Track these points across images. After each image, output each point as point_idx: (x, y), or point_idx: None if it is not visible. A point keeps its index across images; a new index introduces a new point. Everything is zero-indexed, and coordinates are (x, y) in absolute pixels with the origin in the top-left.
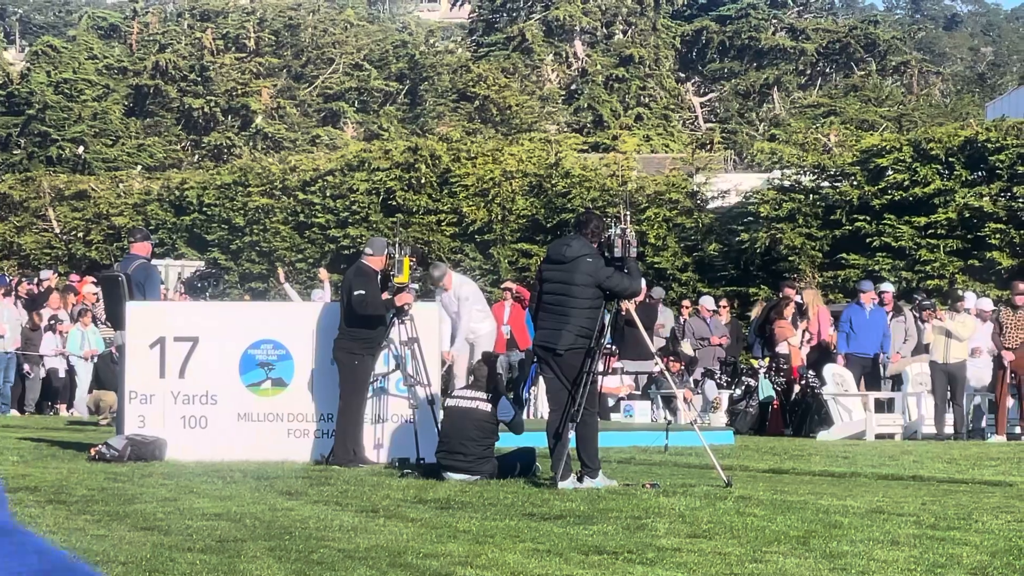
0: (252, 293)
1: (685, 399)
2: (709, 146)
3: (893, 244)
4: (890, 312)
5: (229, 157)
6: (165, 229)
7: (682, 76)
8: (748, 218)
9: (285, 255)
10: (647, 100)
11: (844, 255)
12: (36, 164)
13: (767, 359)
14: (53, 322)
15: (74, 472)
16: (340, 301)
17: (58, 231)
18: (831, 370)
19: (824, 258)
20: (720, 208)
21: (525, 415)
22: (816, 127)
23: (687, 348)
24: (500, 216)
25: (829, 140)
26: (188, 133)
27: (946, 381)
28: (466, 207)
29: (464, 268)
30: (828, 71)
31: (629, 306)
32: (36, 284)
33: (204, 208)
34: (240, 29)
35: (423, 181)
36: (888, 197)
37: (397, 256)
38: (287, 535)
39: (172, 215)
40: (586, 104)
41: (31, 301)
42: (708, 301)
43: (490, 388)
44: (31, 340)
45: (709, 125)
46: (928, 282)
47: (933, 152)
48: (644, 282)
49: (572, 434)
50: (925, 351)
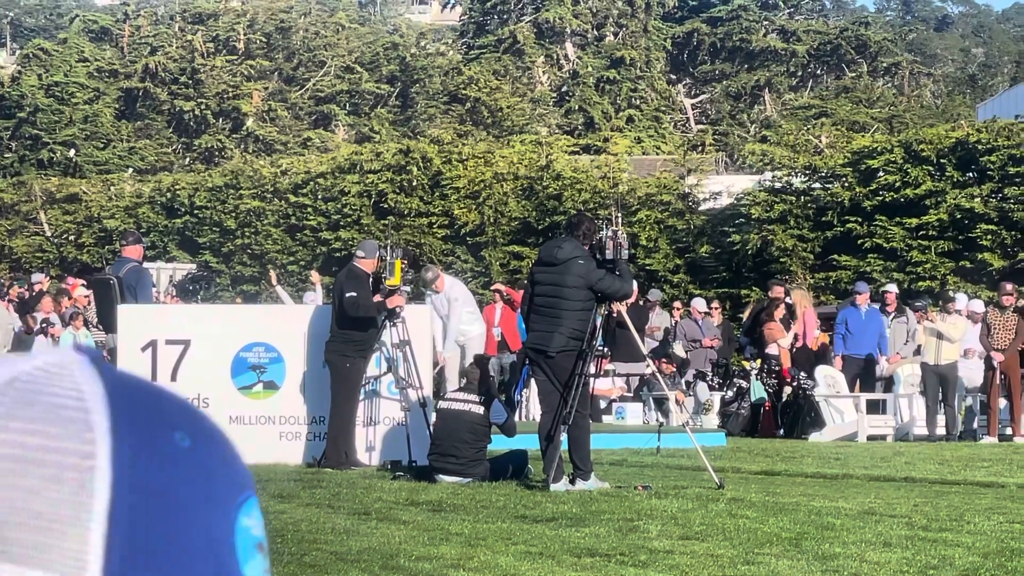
0: (244, 296)
1: (677, 401)
2: (700, 148)
3: (884, 245)
4: (892, 312)
5: (220, 160)
6: (156, 232)
7: (673, 78)
8: (739, 220)
9: (277, 258)
10: (638, 102)
11: (835, 256)
12: (27, 167)
13: (759, 361)
14: (45, 325)
15: None
16: (331, 304)
17: (49, 234)
18: (823, 371)
19: (815, 259)
20: (711, 210)
21: (517, 417)
22: (807, 129)
23: (679, 350)
24: (492, 218)
25: (820, 142)
26: (179, 136)
27: (937, 382)
28: (457, 209)
29: (456, 270)
30: (819, 73)
31: (621, 308)
32: (27, 288)
33: (195, 211)
34: (231, 32)
35: (415, 183)
36: (879, 198)
37: (388, 259)
38: (279, 538)
39: (163, 218)
40: (577, 106)
41: (22, 305)
42: (700, 303)
43: (482, 391)
44: (24, 344)
45: (700, 127)
46: (919, 283)
47: (924, 153)
48: (636, 284)
49: (564, 436)
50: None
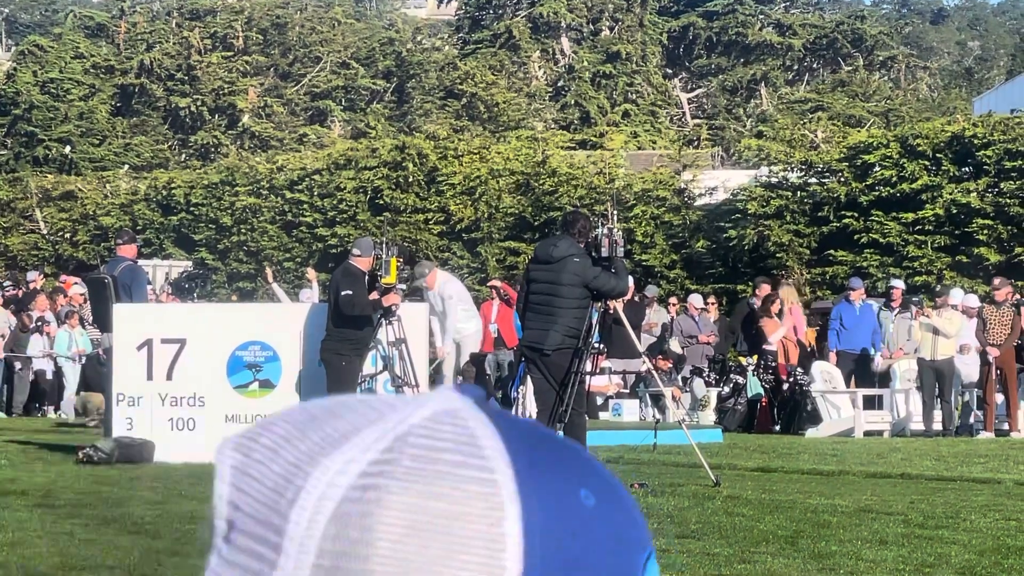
0: (240, 293)
1: (673, 397)
2: (696, 143)
3: (881, 240)
4: (897, 308)
5: (216, 156)
6: (152, 229)
7: (669, 72)
8: (736, 215)
9: (273, 254)
10: (634, 96)
11: (832, 252)
12: (23, 164)
13: (755, 356)
14: (40, 324)
15: (62, 475)
16: (327, 302)
17: (45, 232)
18: (819, 367)
19: (812, 255)
20: (708, 205)
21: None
22: (803, 123)
23: (675, 346)
24: (487, 214)
25: (816, 137)
26: (175, 132)
27: (934, 378)
28: (453, 205)
29: (452, 266)
30: (815, 67)
31: (617, 304)
32: (20, 287)
33: (191, 208)
34: (228, 28)
35: (410, 180)
36: (875, 193)
37: (384, 257)
38: None
39: (159, 215)
40: (573, 101)
41: (17, 303)
42: (697, 299)
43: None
44: (19, 341)
45: (696, 121)
46: (916, 278)
47: (920, 148)
48: (632, 281)
49: (560, 435)
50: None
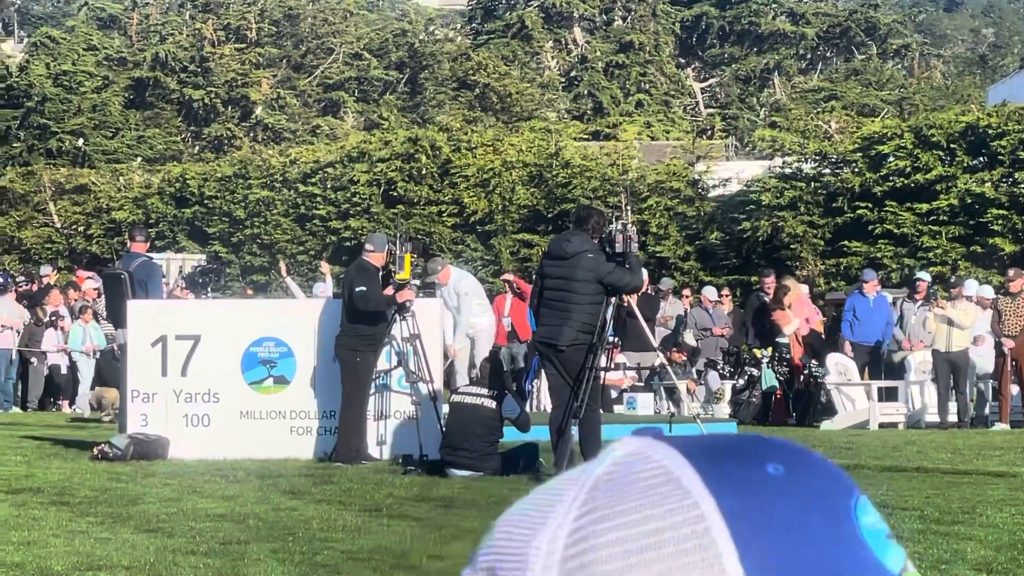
0: (253, 286)
1: (688, 390)
2: (710, 133)
3: (895, 231)
4: (920, 301)
5: (229, 148)
6: (166, 222)
7: (682, 62)
8: (750, 206)
9: (286, 247)
10: (647, 86)
11: (846, 243)
12: (36, 157)
13: (770, 349)
14: (54, 318)
15: (77, 472)
16: (341, 298)
17: (59, 225)
18: (834, 359)
19: (826, 246)
20: (721, 196)
21: (528, 407)
22: (817, 112)
23: (689, 339)
24: (501, 206)
25: (830, 127)
26: (188, 124)
27: (949, 369)
28: (467, 197)
29: (466, 259)
30: (829, 55)
31: (630, 298)
32: (34, 282)
33: (205, 201)
34: (240, 20)
35: (424, 172)
36: (889, 184)
37: (398, 252)
38: (291, 536)
39: (173, 208)
40: (586, 91)
41: (31, 297)
42: (711, 291)
43: (496, 385)
44: (34, 336)
45: (710, 111)
46: (930, 269)
47: (934, 138)
48: (646, 274)
49: (575, 430)
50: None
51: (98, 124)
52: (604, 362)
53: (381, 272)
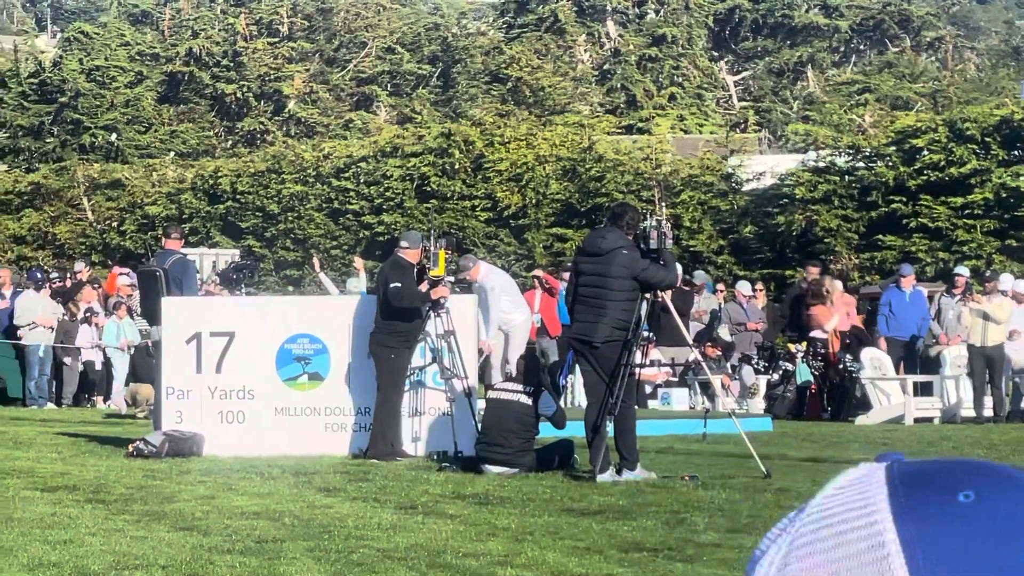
0: (288, 280)
1: (723, 385)
2: (743, 126)
3: (929, 225)
4: (958, 296)
5: (262, 143)
6: (199, 217)
7: (715, 55)
8: (783, 200)
9: (320, 242)
10: (680, 79)
11: (880, 236)
12: (69, 152)
13: (804, 343)
14: (88, 314)
15: (112, 469)
16: (376, 294)
17: (92, 221)
18: (869, 354)
19: (860, 240)
20: (755, 190)
21: (561, 403)
22: (850, 105)
23: (724, 333)
24: (534, 201)
25: (864, 121)
26: (221, 119)
27: (984, 364)
28: (500, 192)
29: (499, 253)
30: (862, 48)
31: (664, 292)
32: (67, 279)
33: (238, 196)
34: (273, 14)
35: (457, 167)
36: (924, 178)
37: (432, 249)
38: (326, 534)
39: (206, 203)
40: (619, 84)
41: (64, 294)
42: (745, 286)
43: (532, 382)
44: (68, 332)
45: (743, 104)
46: (965, 263)
47: (969, 132)
48: (680, 269)
49: (610, 426)
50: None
51: (131, 119)
52: (639, 358)
53: (416, 268)
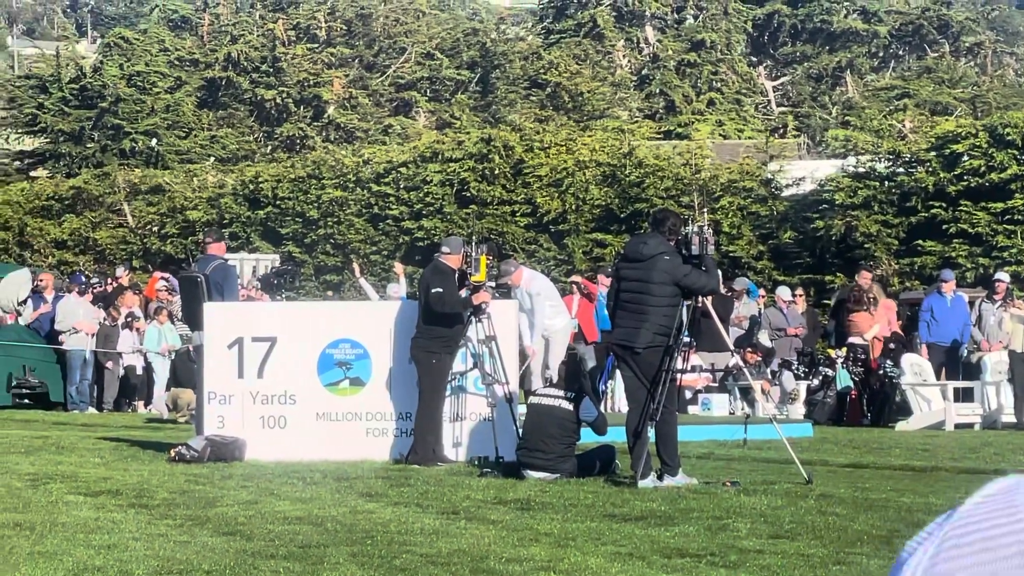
0: (327, 286)
1: (763, 390)
2: (782, 131)
3: (969, 231)
4: (999, 301)
5: (302, 148)
6: (239, 223)
7: (754, 60)
8: (823, 205)
9: (359, 247)
10: (719, 85)
11: (920, 242)
12: (109, 157)
13: (844, 349)
14: (130, 319)
15: (155, 474)
16: (417, 300)
17: (133, 226)
18: (909, 360)
19: (900, 245)
20: (795, 196)
21: (602, 408)
22: (890, 110)
23: (764, 339)
24: (574, 206)
25: (904, 127)
26: (260, 124)
27: None
28: (540, 197)
29: (539, 259)
30: (901, 53)
31: (705, 298)
32: (108, 283)
33: (278, 201)
34: (312, 19)
35: (496, 172)
36: (964, 183)
37: (474, 255)
38: (369, 539)
39: (246, 208)
40: (658, 89)
41: (104, 298)
42: (784, 292)
43: (574, 387)
44: (109, 337)
45: (782, 109)
46: (1006, 268)
47: (1009, 137)
48: (721, 275)
49: (651, 432)
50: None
51: (171, 124)
52: (680, 364)
53: (457, 274)
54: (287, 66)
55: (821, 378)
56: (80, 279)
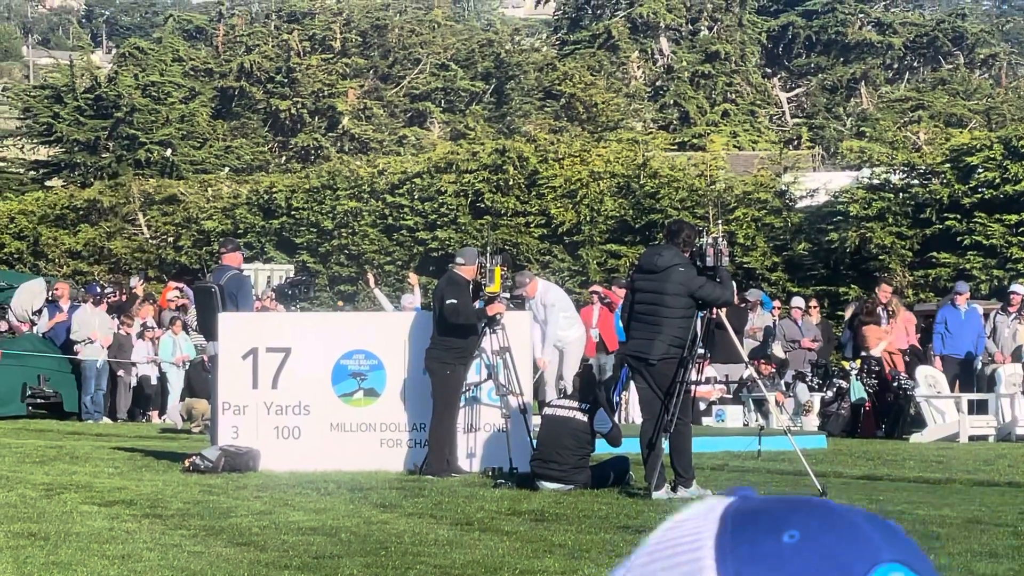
0: (341, 296)
1: (777, 402)
2: (796, 142)
3: (984, 242)
4: (1013, 313)
5: (316, 158)
6: (254, 233)
7: (768, 71)
8: (837, 217)
9: (374, 258)
10: (733, 96)
11: (934, 254)
12: (124, 167)
13: (858, 360)
14: (144, 329)
15: (169, 484)
16: (432, 311)
17: (148, 236)
18: (923, 372)
19: (914, 257)
20: (809, 207)
21: (616, 419)
22: (904, 122)
23: (778, 351)
24: (588, 217)
25: (918, 139)
26: (275, 135)
27: None
28: (554, 208)
29: (553, 270)
30: (915, 65)
31: (720, 309)
32: (123, 294)
33: (293, 211)
34: (327, 30)
35: (511, 183)
36: (978, 195)
37: (488, 265)
38: (383, 550)
39: (261, 219)
40: (672, 101)
41: (119, 308)
42: (799, 302)
43: (588, 399)
44: (122, 347)
45: (796, 121)
46: (1020, 280)
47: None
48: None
49: (666, 443)
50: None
51: (186, 134)
52: (695, 376)
53: (471, 285)
54: (302, 76)
55: (835, 390)
56: (96, 289)
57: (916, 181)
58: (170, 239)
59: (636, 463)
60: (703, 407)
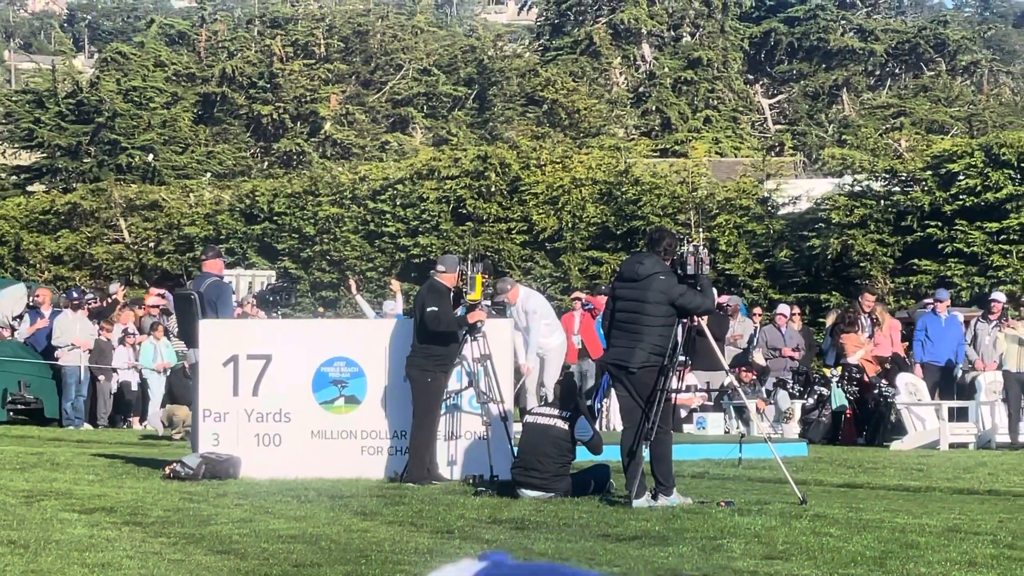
0: (323, 302)
1: (758, 409)
2: (778, 149)
3: (965, 250)
4: (994, 321)
5: (298, 163)
6: (236, 238)
7: (751, 78)
8: (819, 224)
9: (355, 264)
10: (715, 102)
11: (916, 261)
12: (106, 172)
13: (839, 368)
14: (124, 335)
15: (149, 491)
16: (413, 318)
17: (129, 241)
18: (904, 379)
19: (896, 264)
20: (791, 214)
21: (597, 426)
22: (886, 129)
23: (759, 358)
24: (570, 224)
25: (900, 145)
26: (257, 140)
27: (1020, 390)
28: (536, 215)
29: (534, 276)
30: (897, 72)
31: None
32: (102, 300)
33: (274, 217)
34: (309, 36)
35: (493, 189)
36: (960, 203)
37: (469, 273)
38: (363, 559)
39: (242, 224)
40: (654, 107)
41: (99, 314)
42: (784, 310)
43: (569, 407)
44: (103, 352)
45: (778, 127)
46: (1000, 288)
47: (1005, 157)
48: (715, 291)
49: (646, 452)
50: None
51: (167, 139)
52: (675, 383)
53: (452, 293)
54: (284, 82)
55: (816, 397)
56: (74, 295)
57: (898, 188)
58: (151, 244)
59: (617, 471)
60: (684, 414)
